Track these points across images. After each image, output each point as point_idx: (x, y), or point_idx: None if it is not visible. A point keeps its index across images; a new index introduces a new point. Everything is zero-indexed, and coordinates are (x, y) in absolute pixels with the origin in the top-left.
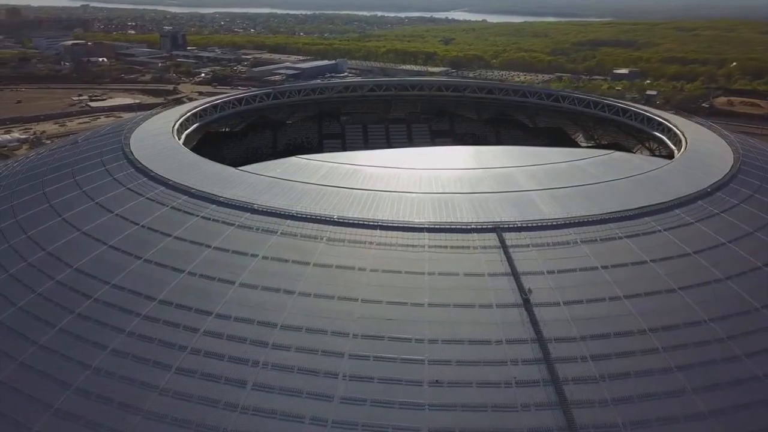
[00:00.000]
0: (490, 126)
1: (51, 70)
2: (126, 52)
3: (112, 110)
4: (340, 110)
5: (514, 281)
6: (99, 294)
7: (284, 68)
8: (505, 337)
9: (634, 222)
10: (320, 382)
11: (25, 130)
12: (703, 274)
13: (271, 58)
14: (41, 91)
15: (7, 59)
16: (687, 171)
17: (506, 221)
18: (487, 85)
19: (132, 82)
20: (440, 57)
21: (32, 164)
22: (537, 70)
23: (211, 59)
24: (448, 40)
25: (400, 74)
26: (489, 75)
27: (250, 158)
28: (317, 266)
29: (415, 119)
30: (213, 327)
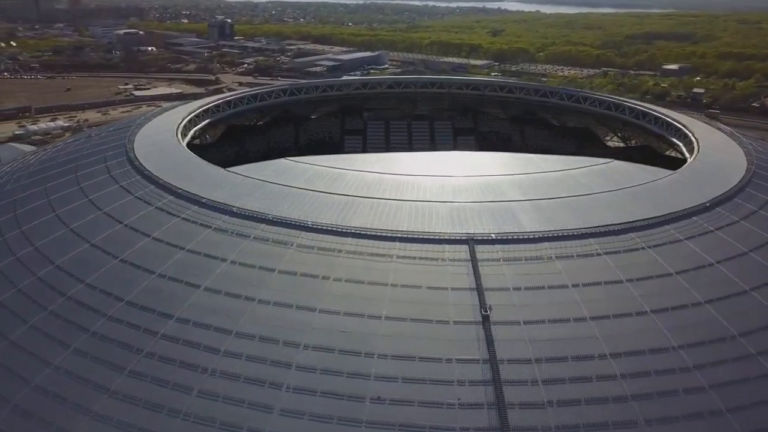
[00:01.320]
0: (515, 124)
1: (102, 58)
2: (174, 42)
3: (153, 99)
4: (363, 106)
5: (477, 297)
6: (72, 292)
7: (325, 60)
8: (456, 356)
9: (618, 238)
10: (263, 392)
11: (70, 117)
12: (680, 296)
13: (315, 49)
14: (91, 79)
15: (63, 47)
16: (689, 182)
17: (480, 233)
18: (508, 84)
19: (177, 71)
20: (484, 49)
21: (45, 157)
22: (583, 65)
23: (255, 49)
24: (497, 31)
25: (441, 66)
26: (532, 69)
27: (270, 152)
28: (282, 273)
29: (438, 116)
30: (171, 331)
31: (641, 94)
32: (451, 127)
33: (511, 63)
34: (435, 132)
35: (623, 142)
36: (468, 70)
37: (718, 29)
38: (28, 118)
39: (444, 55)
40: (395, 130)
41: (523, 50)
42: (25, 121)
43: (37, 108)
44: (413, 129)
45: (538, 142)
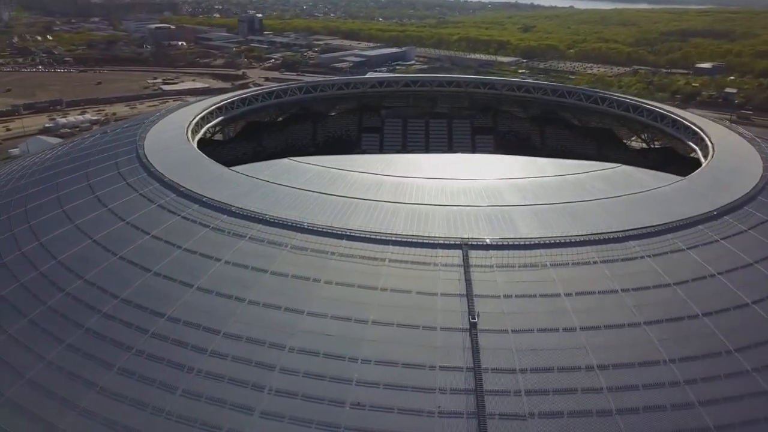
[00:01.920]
0: (535, 124)
1: (133, 52)
2: (205, 36)
3: (179, 94)
4: (382, 103)
5: (466, 303)
6: (71, 288)
7: (351, 55)
8: (441, 363)
9: (616, 246)
10: (246, 394)
11: (98, 111)
12: (676, 308)
13: (342, 44)
14: (121, 73)
15: (96, 41)
16: (698, 189)
17: (475, 238)
18: (525, 84)
19: (205, 66)
20: (513, 46)
21: (61, 153)
22: (614, 62)
23: (284, 44)
24: (528, 27)
25: (468, 63)
26: (560, 66)
27: (288, 149)
28: (274, 274)
29: (457, 115)
30: (162, 330)
31: (671, 93)
32: (469, 126)
33: (539, 60)
34: (453, 131)
35: (646, 143)
36: (495, 67)
37: (758, 26)
38: (59, 111)
39: (472, 51)
40: (412, 129)
41: (553, 47)
42: (55, 114)
43: (67, 101)
44: (431, 127)
45: (557, 142)
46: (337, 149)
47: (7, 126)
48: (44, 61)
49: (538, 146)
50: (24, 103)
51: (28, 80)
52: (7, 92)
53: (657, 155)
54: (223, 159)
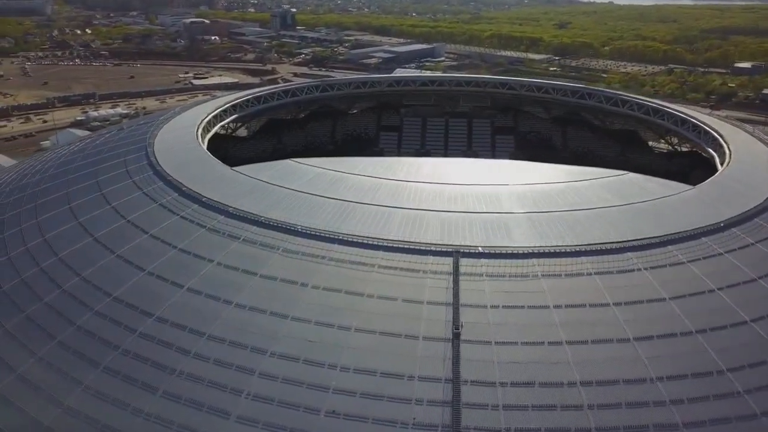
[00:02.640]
0: (557, 124)
1: (168, 47)
2: (238, 31)
3: (208, 89)
4: (402, 102)
5: (452, 313)
6: (68, 285)
7: (380, 51)
8: (420, 374)
9: (612, 257)
10: (224, 398)
11: (129, 104)
12: (670, 324)
13: (372, 40)
14: (154, 67)
15: (133, 35)
16: (708, 199)
17: (468, 245)
18: (544, 85)
19: (236, 61)
20: (545, 43)
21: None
22: (649, 61)
23: (314, 40)
24: (564, 24)
25: (498, 60)
26: (593, 64)
27: (308, 146)
28: (263, 278)
29: (477, 114)
30: (149, 330)
31: (705, 93)
32: (490, 126)
33: (571, 58)
34: (473, 130)
35: (672, 146)
36: (525, 64)
37: None
38: (92, 105)
39: (503, 48)
40: (432, 128)
41: (587, 44)
42: (88, 107)
43: (100, 94)
44: (450, 127)
45: (579, 144)
46: (356, 147)
47: (44, 119)
48: (81, 54)
49: (559, 147)
50: (59, 96)
51: (64, 73)
52: (44, 85)
53: (683, 159)
54: (242, 155)
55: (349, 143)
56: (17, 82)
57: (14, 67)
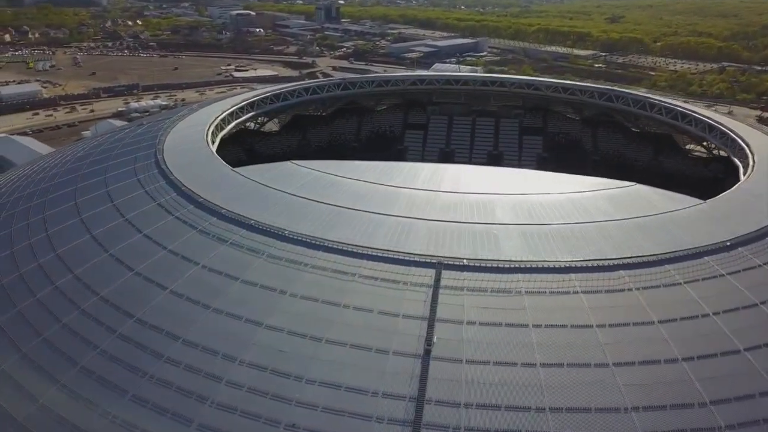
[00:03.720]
0: (587, 126)
1: (213, 39)
2: (282, 23)
3: (247, 81)
4: (431, 100)
5: (426, 328)
6: (60, 282)
7: (422, 45)
8: (384, 390)
9: (603, 275)
10: (188, 404)
11: (170, 96)
12: (654, 349)
13: (415, 33)
14: (198, 59)
15: (181, 27)
16: (718, 215)
17: (452, 257)
18: (570, 87)
19: (278, 53)
20: (593, 38)
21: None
22: (701, 58)
23: (357, 33)
24: (616, 18)
25: (542, 55)
26: (641, 61)
27: (332, 143)
28: (244, 283)
29: (505, 114)
30: (128, 331)
31: (756, 94)
32: (518, 126)
33: (619, 54)
34: (500, 130)
35: (708, 152)
36: (570, 60)
37: None
38: (135, 96)
39: (549, 43)
40: (458, 127)
41: (637, 40)
42: (130, 98)
43: (143, 86)
44: (477, 126)
45: (610, 147)
46: (380, 145)
47: (92, 108)
48: (130, 45)
49: (589, 150)
50: (104, 86)
51: (112, 64)
52: (92, 75)
53: (719, 165)
54: (267, 151)
55: (373, 141)
56: (68, 72)
57: (66, 57)
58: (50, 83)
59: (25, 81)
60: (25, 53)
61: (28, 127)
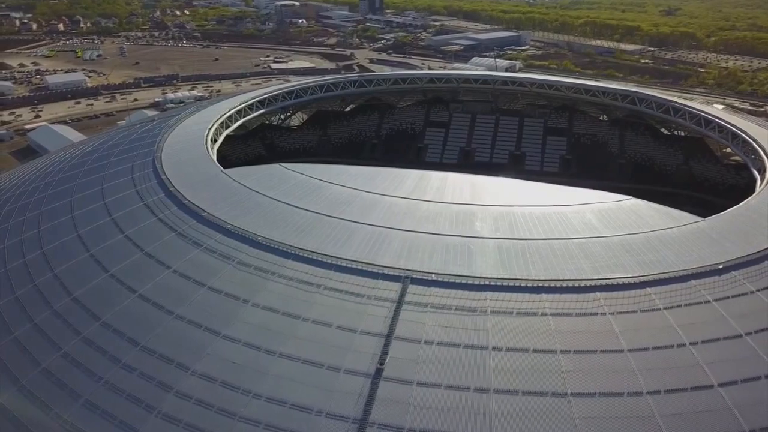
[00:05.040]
0: (615, 128)
1: (256, 29)
2: (325, 14)
3: (283, 73)
4: (455, 97)
5: (382, 345)
6: (39, 280)
7: (462, 38)
8: (329, 410)
9: (575, 297)
10: (136, 413)
11: (206, 87)
12: (619, 381)
13: (458, 26)
14: (239, 50)
15: (226, 17)
16: (717, 233)
17: (421, 271)
18: (592, 88)
19: (318, 45)
20: (642, 32)
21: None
22: (759, 54)
23: (399, 24)
24: (671, 10)
25: (586, 49)
26: (691, 57)
27: (352, 139)
28: (210, 290)
29: (530, 113)
30: (92, 334)
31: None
32: (542, 126)
33: (668, 49)
34: (524, 130)
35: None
36: (615, 55)
37: None
38: (173, 86)
39: (596, 37)
40: (480, 125)
41: (689, 35)
42: (168, 88)
43: (182, 76)
44: (500, 125)
45: (638, 150)
46: (400, 143)
47: (136, 97)
48: (175, 35)
49: (615, 152)
50: (145, 76)
51: (156, 54)
52: (135, 65)
53: None
54: (287, 146)
55: (393, 138)
56: (113, 62)
57: (114, 47)
58: (95, 72)
59: (71, 70)
60: (75, 42)
61: (68, 115)
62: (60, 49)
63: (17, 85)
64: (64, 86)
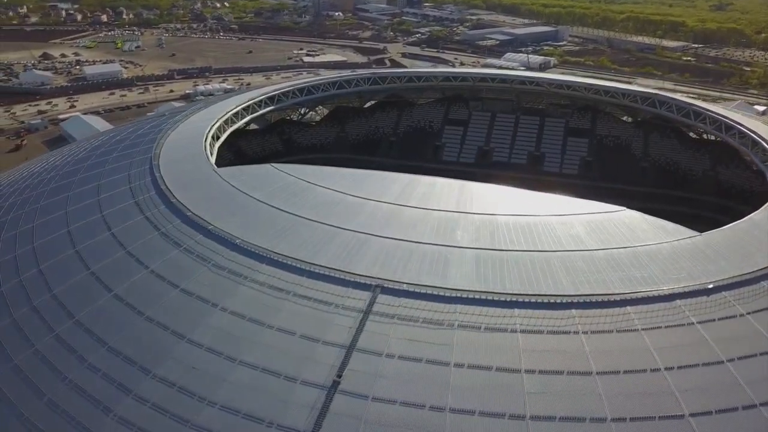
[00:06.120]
0: (640, 130)
1: (293, 22)
2: (362, 7)
3: (313, 66)
4: (474, 95)
5: (343, 357)
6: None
7: (497, 33)
8: (280, 422)
9: (550, 314)
10: (93, 414)
11: (237, 80)
12: (583, 406)
13: (495, 20)
14: (274, 42)
15: (265, 9)
16: (713, 250)
17: (393, 280)
18: (611, 90)
19: (352, 38)
20: (687, 28)
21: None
22: None
23: (436, 18)
24: (722, 5)
25: (626, 46)
26: (737, 55)
27: (369, 136)
28: (182, 292)
29: (552, 113)
30: (64, 332)
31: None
32: (563, 126)
33: (713, 47)
34: (544, 130)
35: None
36: (656, 52)
37: None
38: (206, 78)
39: (638, 33)
40: (500, 124)
41: (736, 31)
42: (200, 80)
43: (215, 69)
44: (520, 124)
45: (662, 154)
46: (417, 141)
47: (171, 89)
48: (212, 27)
49: (638, 155)
50: (179, 68)
51: (192, 46)
52: (171, 57)
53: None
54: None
55: (411, 135)
56: (151, 53)
57: (153, 38)
58: (132, 63)
59: (110, 61)
60: (117, 33)
61: (101, 106)
62: (101, 40)
63: (57, 75)
64: (101, 77)
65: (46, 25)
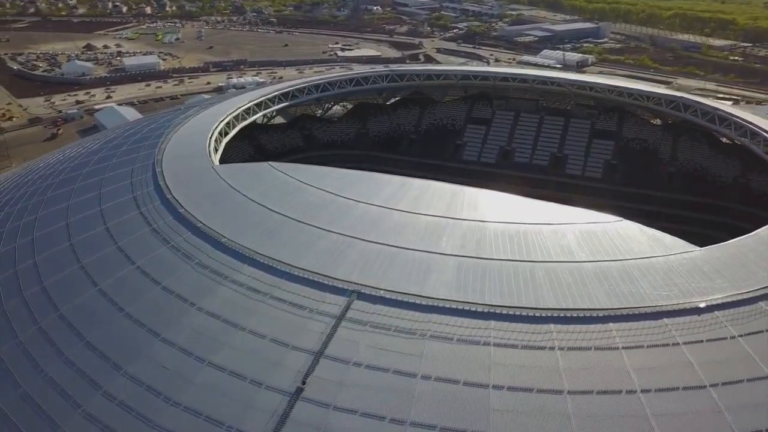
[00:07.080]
0: (669, 133)
1: (331, 15)
2: (401, 1)
3: (348, 61)
4: (499, 94)
5: (310, 363)
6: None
7: (536, 29)
8: (239, 427)
9: (527, 327)
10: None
11: (270, 73)
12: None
13: (536, 15)
14: (310, 36)
15: (304, 2)
16: (711, 266)
17: (371, 286)
18: (633, 92)
19: (388, 33)
20: (737, 26)
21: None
22: None
23: (475, 13)
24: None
25: (670, 44)
26: None
27: (390, 134)
28: (163, 290)
29: (577, 113)
30: (47, 325)
31: None
32: (589, 128)
33: (764, 46)
34: (568, 131)
35: None
36: (702, 51)
37: None
38: (240, 71)
39: (685, 30)
40: (523, 124)
41: None
42: (234, 73)
43: (250, 62)
44: (544, 125)
45: (691, 158)
46: (437, 139)
47: (208, 81)
48: (251, 20)
49: (665, 159)
50: (214, 61)
51: (230, 39)
52: (209, 49)
53: None
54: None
55: (432, 134)
56: (189, 45)
57: (193, 30)
58: (170, 55)
59: (149, 52)
60: (158, 25)
61: (136, 97)
62: (143, 32)
63: (98, 65)
64: (139, 68)
65: (92, 16)
